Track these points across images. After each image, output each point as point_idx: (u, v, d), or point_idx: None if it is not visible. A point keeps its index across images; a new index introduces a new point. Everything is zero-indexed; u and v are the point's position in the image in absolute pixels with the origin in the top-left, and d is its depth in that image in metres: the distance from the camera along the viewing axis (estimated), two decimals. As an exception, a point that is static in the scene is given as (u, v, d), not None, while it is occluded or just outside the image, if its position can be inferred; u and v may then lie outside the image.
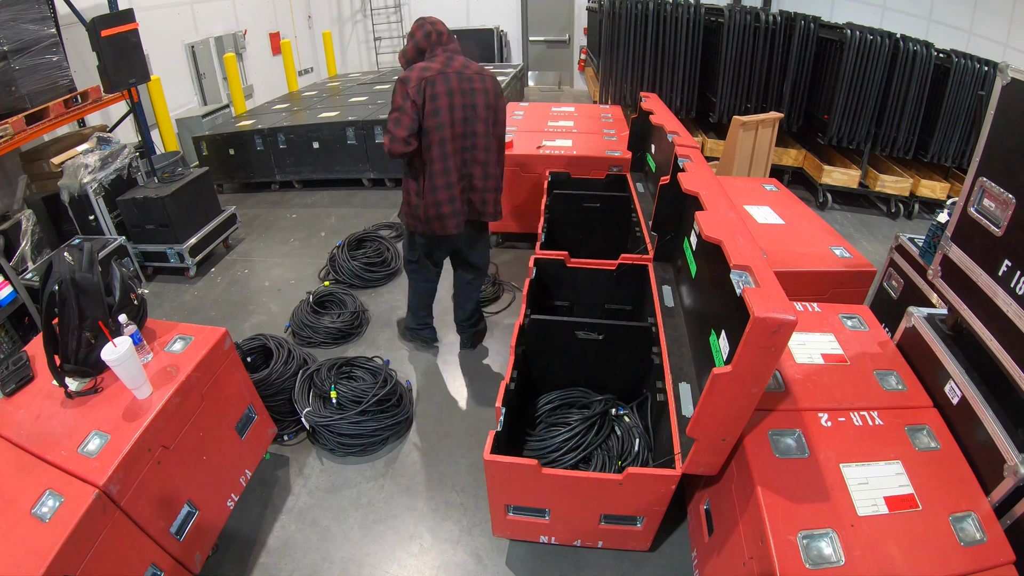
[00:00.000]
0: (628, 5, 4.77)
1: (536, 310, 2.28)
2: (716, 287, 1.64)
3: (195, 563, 1.80)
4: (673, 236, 2.36)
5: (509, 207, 3.85)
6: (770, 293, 1.26)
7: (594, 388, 2.31)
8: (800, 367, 1.78)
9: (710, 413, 1.39)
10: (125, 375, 1.62)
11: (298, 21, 8.25)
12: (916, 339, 1.80)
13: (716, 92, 4.87)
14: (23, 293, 2.78)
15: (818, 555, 1.30)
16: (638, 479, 1.58)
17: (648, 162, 3.38)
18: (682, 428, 1.62)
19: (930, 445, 1.56)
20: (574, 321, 2.15)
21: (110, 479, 1.46)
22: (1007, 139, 1.46)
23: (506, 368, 1.95)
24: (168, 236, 3.68)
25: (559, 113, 4.71)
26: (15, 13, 3.47)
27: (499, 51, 8.71)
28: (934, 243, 2.21)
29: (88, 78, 4.08)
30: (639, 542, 1.86)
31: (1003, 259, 1.43)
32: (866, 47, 4.16)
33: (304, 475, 2.32)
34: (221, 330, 1.95)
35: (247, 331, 3.16)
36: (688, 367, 1.87)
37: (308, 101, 6.17)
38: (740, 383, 1.31)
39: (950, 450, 1.55)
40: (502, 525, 1.86)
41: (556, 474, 1.63)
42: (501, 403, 1.76)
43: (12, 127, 3.31)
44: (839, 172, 4.62)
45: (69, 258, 1.67)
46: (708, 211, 1.69)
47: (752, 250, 1.45)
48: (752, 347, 1.23)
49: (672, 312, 2.15)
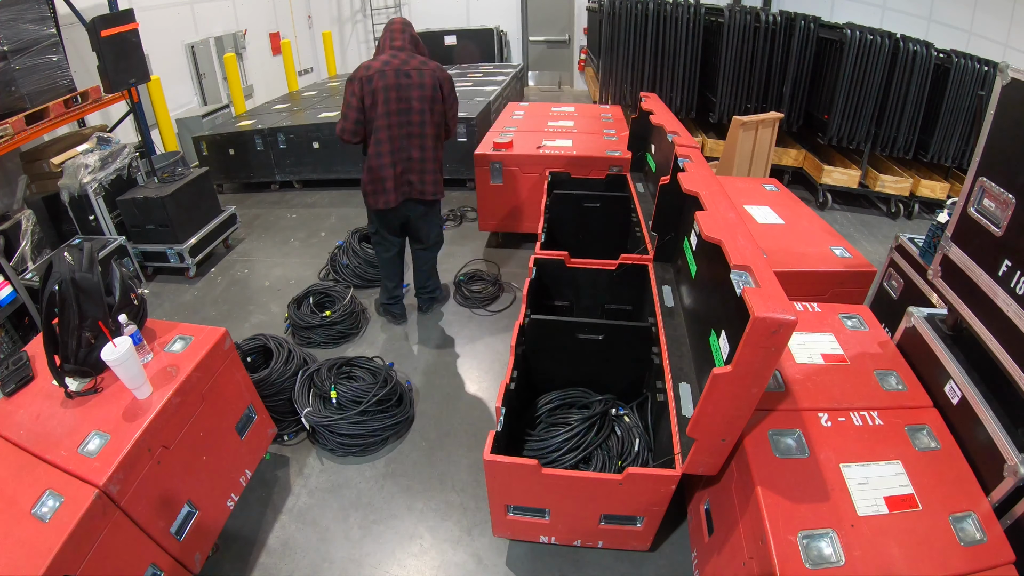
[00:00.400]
0: (628, 5, 4.77)
1: (536, 310, 2.28)
2: (716, 287, 1.64)
3: (195, 563, 1.80)
4: (673, 236, 2.36)
5: (509, 207, 3.85)
6: (770, 293, 1.26)
7: (594, 388, 2.30)
8: (800, 367, 1.78)
9: (710, 413, 1.39)
10: (125, 375, 1.62)
11: (298, 21, 8.25)
12: (916, 339, 1.80)
13: (716, 92, 4.87)
14: (23, 293, 2.78)
15: (818, 555, 1.30)
16: (638, 479, 1.58)
17: (648, 162, 3.38)
18: (682, 428, 1.62)
19: (930, 445, 1.56)
20: (574, 321, 2.15)
21: (110, 479, 1.46)
22: (1007, 139, 1.46)
23: (506, 368, 1.95)
24: (168, 236, 3.68)
25: (559, 113, 4.72)
26: (15, 13, 3.47)
27: (499, 51, 8.71)
28: (934, 243, 2.21)
29: (88, 78, 4.08)
30: (639, 542, 1.86)
31: (1003, 259, 1.43)
32: (866, 47, 4.16)
33: (304, 475, 2.32)
34: (221, 330, 1.95)
35: (247, 331, 3.16)
36: (688, 367, 1.87)
37: (308, 101, 6.17)
38: (740, 383, 1.31)
39: (950, 450, 1.55)
40: (502, 525, 1.86)
41: (556, 474, 1.63)
42: (501, 403, 1.76)
43: (12, 127, 3.31)
44: (839, 172, 4.62)
45: (69, 258, 1.67)
46: (708, 211, 1.68)
47: (752, 250, 1.45)
48: (752, 347, 1.23)
49: (672, 312, 2.15)
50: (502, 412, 1.76)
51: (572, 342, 2.15)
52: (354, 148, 2.79)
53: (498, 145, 3.72)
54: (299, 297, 3.28)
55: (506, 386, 1.82)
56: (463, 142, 4.81)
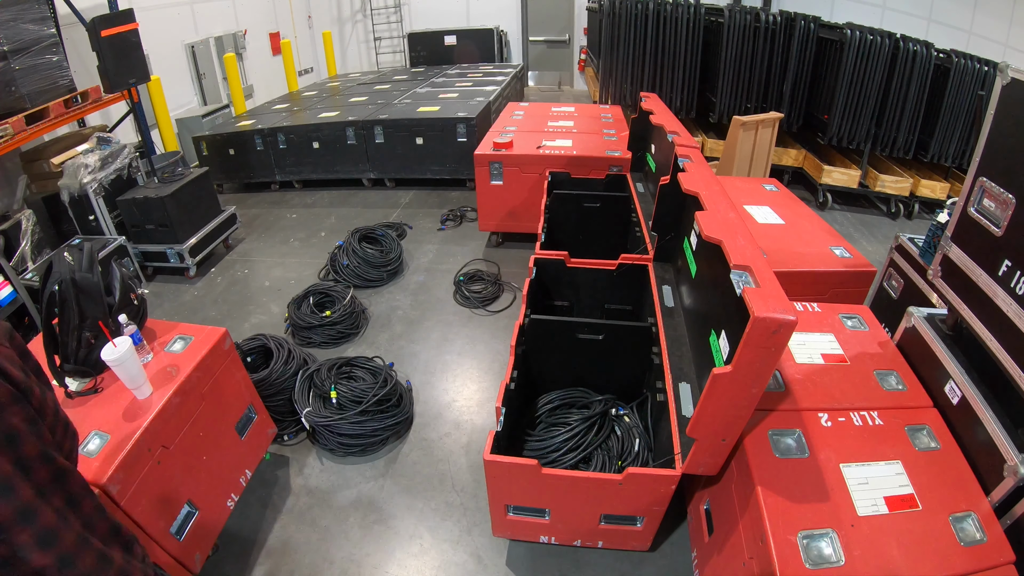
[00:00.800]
0: (628, 5, 4.77)
1: (536, 310, 2.28)
2: (716, 287, 1.64)
3: (195, 563, 1.80)
4: (673, 236, 2.36)
5: (509, 207, 3.85)
6: (770, 293, 1.26)
7: (594, 388, 2.30)
8: (800, 367, 1.78)
9: (710, 413, 1.39)
10: (125, 375, 1.62)
11: (298, 21, 8.26)
12: (916, 339, 1.80)
13: (716, 92, 4.87)
14: (23, 293, 2.78)
15: (818, 555, 1.30)
16: (638, 479, 1.58)
17: (648, 162, 3.38)
18: (682, 428, 1.62)
19: (930, 445, 1.56)
20: (574, 321, 2.15)
21: (110, 479, 1.46)
22: (1007, 139, 1.46)
23: (506, 368, 1.95)
24: (168, 236, 3.68)
25: (559, 113, 4.72)
26: (15, 13, 3.47)
27: (499, 51, 8.71)
28: (934, 243, 2.21)
29: (88, 78, 4.08)
30: (639, 542, 1.86)
31: (1003, 259, 1.43)
32: (866, 47, 4.16)
33: (304, 475, 2.32)
34: (221, 330, 1.95)
35: (247, 331, 3.17)
36: (688, 367, 1.87)
37: (308, 101, 6.18)
38: (740, 383, 1.31)
39: (950, 450, 1.55)
40: (502, 525, 1.86)
41: (556, 474, 1.63)
42: (501, 403, 1.76)
43: (12, 127, 3.31)
44: (839, 172, 4.62)
45: (69, 258, 1.67)
46: (708, 211, 1.68)
47: (752, 250, 1.45)
48: (752, 347, 1.23)
49: (672, 312, 2.15)
50: (502, 412, 1.76)
51: (572, 342, 2.15)
52: (354, 148, 2.72)
53: (498, 145, 3.72)
54: (299, 297, 3.28)
55: (506, 386, 1.82)
56: (463, 142, 4.81)
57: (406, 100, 5.63)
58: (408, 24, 9.20)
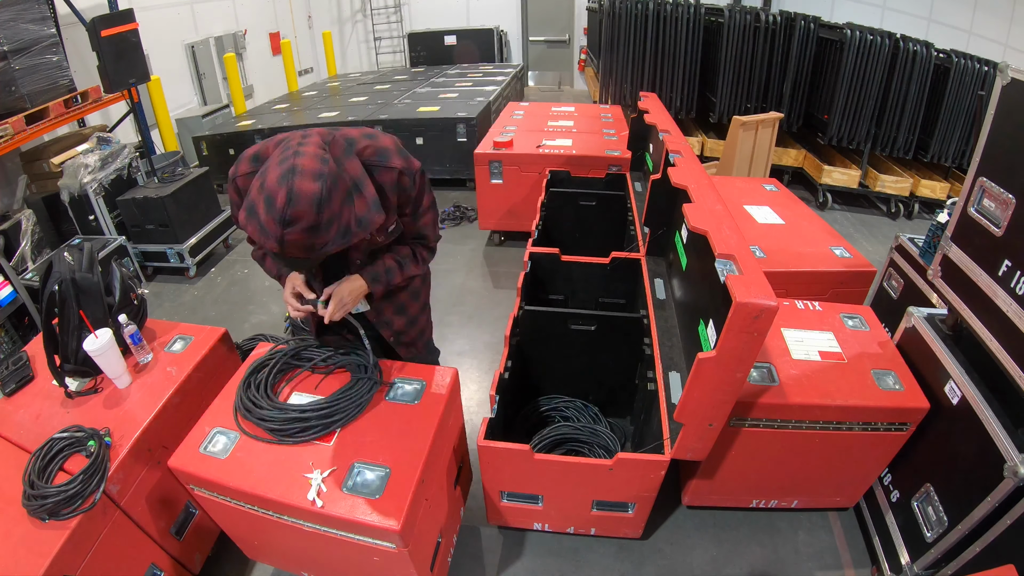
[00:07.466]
0: (628, 5, 4.77)
1: (532, 304, 2.29)
2: (704, 277, 1.67)
3: (195, 563, 1.80)
4: (665, 231, 2.38)
5: (509, 206, 3.86)
6: (752, 280, 1.29)
7: (587, 379, 2.33)
8: (796, 363, 1.80)
9: (696, 398, 1.43)
10: (104, 364, 1.65)
11: (298, 21, 8.26)
12: (916, 339, 1.80)
13: (716, 92, 4.87)
14: (23, 293, 2.78)
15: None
16: (628, 464, 1.61)
17: (647, 161, 3.38)
18: (671, 415, 1.64)
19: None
20: (567, 312, 2.16)
21: (110, 479, 1.46)
22: (1007, 139, 1.46)
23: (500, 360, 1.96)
24: (168, 236, 3.68)
25: (559, 113, 4.72)
26: (15, 13, 3.47)
27: (499, 51, 8.71)
28: (934, 243, 2.21)
29: (88, 78, 4.08)
30: (631, 529, 1.88)
31: (1003, 259, 1.43)
32: (866, 47, 4.16)
33: (304, 475, 2.31)
34: (221, 330, 1.95)
35: (247, 331, 3.16)
36: (678, 357, 1.90)
37: (308, 101, 6.18)
38: (724, 367, 1.34)
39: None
40: (496, 512, 1.89)
41: (548, 459, 1.66)
42: (495, 391, 1.77)
43: (12, 127, 3.31)
44: (839, 172, 4.62)
45: (69, 258, 1.67)
46: (695, 203, 1.70)
47: (737, 240, 1.48)
48: (735, 332, 1.26)
49: (663, 305, 2.18)
50: (496, 399, 1.77)
51: (565, 333, 2.17)
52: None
53: (498, 144, 3.72)
54: (299, 297, 3.27)
55: (500, 374, 1.84)
56: (463, 142, 4.81)
57: (406, 100, 5.63)
58: (408, 24, 9.20)
